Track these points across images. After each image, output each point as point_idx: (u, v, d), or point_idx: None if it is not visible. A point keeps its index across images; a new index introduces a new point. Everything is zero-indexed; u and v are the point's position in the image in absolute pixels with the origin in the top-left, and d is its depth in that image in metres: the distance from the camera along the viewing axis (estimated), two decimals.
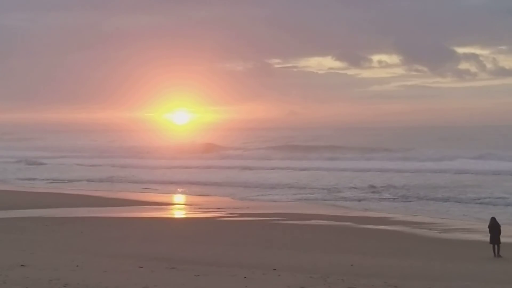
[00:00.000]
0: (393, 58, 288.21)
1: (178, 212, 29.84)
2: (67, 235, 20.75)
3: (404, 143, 75.23)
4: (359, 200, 31.70)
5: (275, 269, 14.65)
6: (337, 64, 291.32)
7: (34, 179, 45.71)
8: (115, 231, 22.37)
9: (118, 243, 19.38)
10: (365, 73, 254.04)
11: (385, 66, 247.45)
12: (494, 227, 18.17)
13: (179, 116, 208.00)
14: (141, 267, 14.37)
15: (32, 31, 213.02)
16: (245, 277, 13.34)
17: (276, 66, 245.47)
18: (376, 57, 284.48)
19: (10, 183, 43.60)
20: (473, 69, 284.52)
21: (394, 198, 32.22)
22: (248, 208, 29.56)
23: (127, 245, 19.07)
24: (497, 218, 18.74)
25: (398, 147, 69.98)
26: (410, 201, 31.14)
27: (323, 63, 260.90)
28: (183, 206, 31.47)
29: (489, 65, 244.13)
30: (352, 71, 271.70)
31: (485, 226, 19.32)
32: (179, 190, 37.92)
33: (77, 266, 14.23)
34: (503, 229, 18.34)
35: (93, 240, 19.75)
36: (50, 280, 12.16)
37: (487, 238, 18.45)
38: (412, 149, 66.61)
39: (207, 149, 76.32)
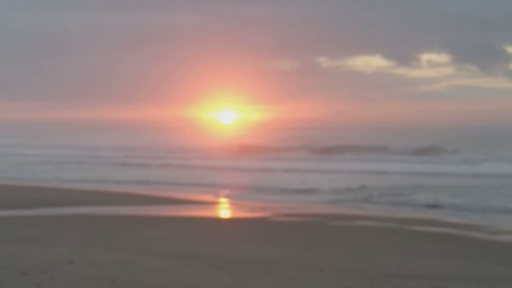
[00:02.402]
0: (442, 57, 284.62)
1: (223, 212, 29.91)
2: (114, 233, 20.92)
3: (453, 144, 74.47)
4: (403, 202, 31.29)
5: (321, 270, 14.61)
6: (385, 63, 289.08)
7: (81, 178, 46.05)
8: (161, 229, 22.49)
9: (163, 242, 19.48)
10: (414, 73, 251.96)
11: (434, 66, 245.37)
12: None
13: (225, 115, 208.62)
14: (187, 266, 14.42)
15: (79, 30, 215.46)
16: (290, 278, 13.32)
17: (323, 65, 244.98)
18: (424, 56, 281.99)
19: (59, 180, 44.00)
20: None
21: (439, 200, 31.71)
22: (292, 208, 29.51)
23: (172, 243, 19.16)
24: None
25: (446, 148, 69.48)
26: (456, 204, 30.55)
27: (370, 62, 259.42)
28: (228, 205, 31.52)
29: None
30: (400, 70, 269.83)
31: None
32: (223, 190, 37.94)
33: (124, 263, 14.33)
34: None
35: (138, 238, 19.88)
36: (97, 277, 12.26)
37: None
38: (461, 150, 66.10)
39: (251, 149, 76.30)
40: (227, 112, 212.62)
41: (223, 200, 33.52)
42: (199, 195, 34.91)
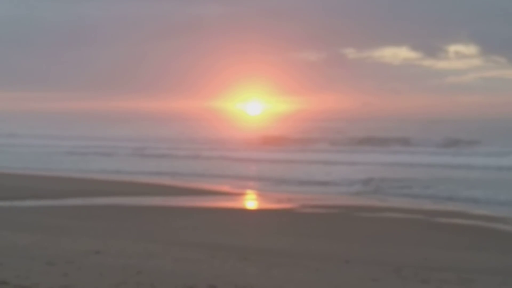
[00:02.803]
0: (470, 49, 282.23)
1: (249, 203, 29.93)
2: (140, 224, 21.01)
3: (479, 136, 73.97)
4: (431, 194, 31.10)
5: (347, 261, 14.59)
6: (412, 54, 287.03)
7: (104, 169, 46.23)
8: (187, 220, 22.54)
9: (190, 233, 19.54)
10: (441, 64, 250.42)
11: (461, 57, 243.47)
12: None
13: (252, 106, 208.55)
14: (213, 257, 14.45)
15: (106, 21, 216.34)
16: (317, 269, 13.31)
17: (350, 56, 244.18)
18: (452, 48, 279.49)
19: (86, 171, 44.19)
20: None
21: (463, 193, 31.46)
22: (317, 200, 29.45)
23: (198, 234, 19.21)
24: None
25: (472, 140, 69.08)
26: (484, 196, 30.27)
27: (398, 54, 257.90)
28: (254, 197, 31.53)
29: None
30: (427, 62, 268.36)
31: None
32: (248, 181, 37.95)
33: (150, 254, 14.39)
34: None
35: (165, 229, 19.95)
36: (123, 267, 12.32)
37: None
38: (487, 142, 65.69)
39: (278, 141, 76.25)
40: (254, 104, 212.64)
41: (249, 191, 33.52)
42: (225, 186, 34.94)
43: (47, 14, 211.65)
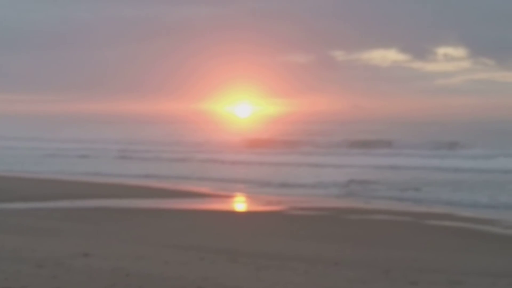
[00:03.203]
0: (459, 51, 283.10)
1: (239, 205, 29.94)
2: (129, 226, 20.99)
3: (468, 139, 74.21)
4: (416, 197, 31.11)
5: (336, 263, 14.61)
6: (401, 57, 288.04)
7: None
8: (177, 222, 22.54)
9: (179, 235, 19.53)
10: (430, 66, 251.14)
11: (450, 59, 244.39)
12: None
13: (241, 109, 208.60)
14: (202, 259, 14.45)
15: (94, 23, 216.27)
16: (305, 271, 13.32)
17: (339, 58, 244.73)
18: (441, 50, 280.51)
19: (73, 174, 44.09)
20: None
21: (452, 195, 31.56)
22: (306, 202, 29.47)
23: (188, 236, 19.21)
24: None
25: (461, 143, 69.29)
26: (472, 198, 30.34)
27: (387, 56, 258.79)
28: (242, 199, 31.54)
29: None
30: (416, 64, 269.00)
31: None
32: (238, 184, 37.93)
33: (139, 256, 14.38)
34: None
35: (154, 231, 19.94)
36: (112, 270, 12.30)
37: None
38: (476, 144, 65.91)
39: (265, 143, 76.28)
40: (243, 106, 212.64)
41: (237, 193, 33.53)
42: (213, 189, 34.90)
43: (37, 16, 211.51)
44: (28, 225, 20.36)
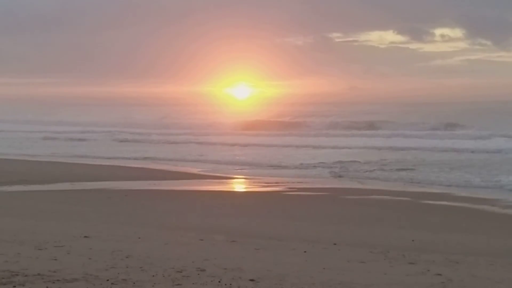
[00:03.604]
0: (456, 32, 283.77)
1: (238, 186, 29.99)
2: (129, 208, 21.03)
3: (465, 119, 74.15)
4: (414, 178, 31.00)
5: (335, 244, 14.66)
6: (398, 38, 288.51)
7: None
8: (176, 204, 22.58)
9: (179, 216, 19.57)
10: (427, 47, 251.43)
11: (447, 40, 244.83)
12: None
13: (239, 91, 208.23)
14: (202, 240, 14.51)
15: (86, 6, 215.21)
16: (305, 251, 13.37)
17: (337, 40, 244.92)
18: (438, 31, 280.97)
19: (72, 156, 44.08)
20: None
21: (448, 175, 31.53)
22: (304, 183, 29.50)
23: (187, 218, 19.25)
24: None
25: (458, 123, 69.33)
26: (469, 178, 30.28)
27: (384, 37, 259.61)
28: (243, 180, 31.56)
29: None
30: (414, 45, 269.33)
31: None
32: (238, 165, 37.93)
33: (139, 238, 14.43)
34: None
35: (154, 213, 19.98)
36: (112, 251, 12.34)
37: None
38: (473, 125, 65.97)
39: (259, 125, 76.27)
40: (240, 89, 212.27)
41: (236, 175, 33.56)
42: (212, 170, 34.93)
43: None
44: (28, 207, 20.39)
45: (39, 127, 76.10)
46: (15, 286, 9.26)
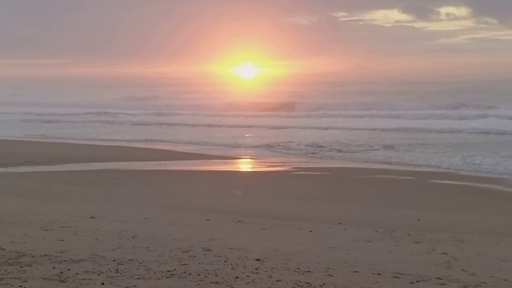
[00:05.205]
0: (461, 10, 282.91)
1: (244, 166, 30.01)
2: (135, 188, 21.07)
3: (470, 98, 73.98)
4: (414, 157, 30.96)
5: (340, 223, 14.70)
6: (403, 17, 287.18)
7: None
8: (182, 184, 22.61)
9: (185, 196, 19.61)
10: (433, 26, 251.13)
11: (453, 19, 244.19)
12: None
13: (244, 70, 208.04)
14: (208, 220, 14.56)
15: None
16: (310, 231, 13.42)
17: (342, 19, 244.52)
18: (443, 9, 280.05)
19: (78, 137, 44.14)
20: None
21: (455, 154, 31.47)
22: (309, 163, 29.51)
23: (193, 198, 19.29)
24: None
25: (463, 102, 69.18)
26: (473, 157, 30.19)
27: (389, 16, 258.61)
28: (248, 160, 31.58)
29: None
30: (419, 24, 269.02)
31: None
32: (243, 145, 37.95)
33: (145, 218, 14.49)
34: None
35: (160, 193, 20.02)
36: (119, 232, 12.40)
37: None
38: (478, 104, 65.89)
39: (263, 106, 76.33)
40: (246, 68, 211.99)
41: (241, 155, 33.58)
42: (218, 150, 34.98)
43: None
44: (35, 188, 20.45)
45: (42, 109, 76.04)
46: (22, 267, 9.31)
